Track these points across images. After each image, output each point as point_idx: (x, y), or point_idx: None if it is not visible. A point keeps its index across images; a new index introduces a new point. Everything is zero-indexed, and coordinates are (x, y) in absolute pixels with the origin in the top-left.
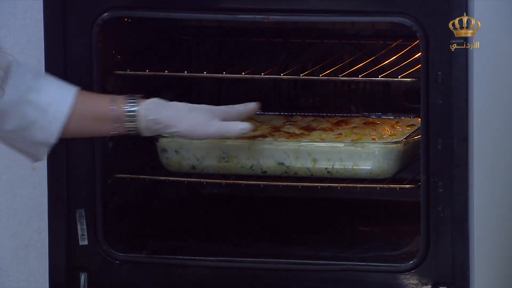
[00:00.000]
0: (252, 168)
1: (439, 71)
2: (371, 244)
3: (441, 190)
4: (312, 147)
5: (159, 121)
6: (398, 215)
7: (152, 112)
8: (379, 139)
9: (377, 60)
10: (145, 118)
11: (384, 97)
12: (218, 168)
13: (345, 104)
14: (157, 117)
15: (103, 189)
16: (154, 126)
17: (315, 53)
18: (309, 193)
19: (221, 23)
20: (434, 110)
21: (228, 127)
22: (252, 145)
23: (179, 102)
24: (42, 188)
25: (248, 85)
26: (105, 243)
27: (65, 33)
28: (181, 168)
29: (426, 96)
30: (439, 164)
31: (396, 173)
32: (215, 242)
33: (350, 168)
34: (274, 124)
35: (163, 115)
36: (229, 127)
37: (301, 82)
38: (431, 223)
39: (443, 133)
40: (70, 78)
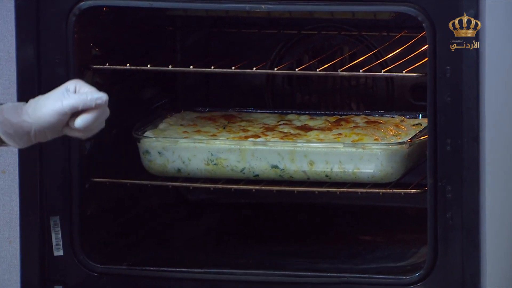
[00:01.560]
0: (243, 172)
1: (448, 65)
2: (373, 255)
3: (450, 195)
4: (308, 149)
5: (7, 128)
6: (403, 223)
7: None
8: (382, 140)
9: (380, 53)
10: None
11: (388, 94)
12: (205, 171)
13: (345, 102)
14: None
15: (80, 194)
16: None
17: (312, 45)
18: (306, 199)
19: (209, 13)
20: (442, 108)
21: (78, 96)
22: (243, 147)
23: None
24: (12, 193)
25: (238, 81)
26: (82, 253)
27: (38, 23)
28: (165, 171)
29: (433, 92)
30: (448, 167)
31: (401, 177)
32: (203, 252)
33: (350, 172)
34: (267, 123)
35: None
36: (81, 96)
37: (297, 78)
38: (439, 231)
39: (452, 133)
40: (43, 73)
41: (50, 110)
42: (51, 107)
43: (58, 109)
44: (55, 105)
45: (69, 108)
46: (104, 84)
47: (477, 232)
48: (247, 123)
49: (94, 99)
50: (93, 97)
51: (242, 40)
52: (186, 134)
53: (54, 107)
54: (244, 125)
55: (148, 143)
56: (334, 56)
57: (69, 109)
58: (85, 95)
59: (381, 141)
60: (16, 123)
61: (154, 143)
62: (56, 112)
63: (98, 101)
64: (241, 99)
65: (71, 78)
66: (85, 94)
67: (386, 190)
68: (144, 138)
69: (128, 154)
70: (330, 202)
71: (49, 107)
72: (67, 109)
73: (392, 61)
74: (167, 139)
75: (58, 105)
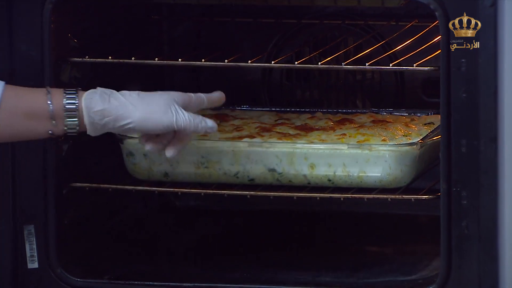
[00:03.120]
0: (237, 176)
1: (463, 58)
2: (381, 267)
3: (465, 202)
4: (309, 150)
5: (107, 113)
6: (413, 232)
7: (97, 103)
8: (391, 140)
9: (388, 45)
10: (89, 111)
11: (397, 90)
12: (195, 175)
13: (350, 99)
14: (104, 107)
15: (57, 200)
16: (101, 119)
17: (313, 36)
18: (306, 205)
19: (199, 0)
20: (457, 105)
21: (192, 119)
22: (237, 148)
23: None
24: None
25: (232, 76)
26: (59, 266)
27: (10, 12)
28: (151, 175)
29: (447, 88)
30: (463, 171)
31: (411, 182)
32: (193, 265)
33: (355, 176)
34: (264, 123)
35: (110, 105)
36: (195, 119)
37: (296, 72)
38: (453, 241)
39: (467, 133)
40: (16, 66)
41: (158, 121)
42: (160, 118)
43: (168, 124)
44: (165, 118)
45: (178, 128)
46: (84, 79)
47: (495, 242)
48: (241, 122)
49: (206, 127)
50: (207, 125)
51: (236, 30)
52: None
53: (163, 121)
54: (238, 124)
55: (132, 144)
56: (337, 48)
57: (178, 128)
58: (199, 120)
59: (390, 142)
60: (120, 115)
61: (139, 144)
62: (165, 126)
63: (208, 131)
64: (234, 95)
65: (47, 72)
66: (199, 120)
67: (395, 196)
68: (127, 139)
69: (111, 156)
70: (333, 209)
71: (158, 117)
72: (176, 128)
73: (401, 53)
74: None
75: (169, 120)
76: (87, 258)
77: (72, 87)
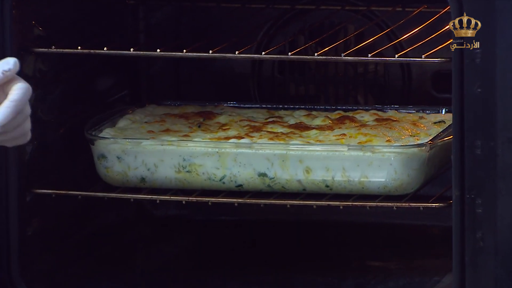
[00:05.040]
0: (223, 181)
1: (478, 49)
2: (385, 285)
3: (481, 211)
4: (304, 152)
5: None
6: (422, 245)
7: None
8: (396, 141)
9: (394, 33)
10: None
11: (403, 84)
12: (176, 181)
13: (350, 94)
14: None
15: (19, 209)
16: None
17: (309, 24)
18: (301, 215)
19: None
20: (471, 102)
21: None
22: (223, 150)
23: None
24: None
25: (217, 68)
26: (22, 282)
27: None
28: (126, 181)
29: (459, 82)
30: (478, 175)
31: (419, 188)
32: (173, 282)
33: (356, 181)
34: (253, 121)
35: None
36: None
37: (290, 64)
38: (467, 255)
39: (483, 133)
40: None
41: None
42: None
43: None
44: None
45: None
46: (50, 72)
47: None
48: (228, 120)
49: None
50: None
51: (222, 17)
52: (151, 134)
53: None
54: (224, 122)
55: (104, 145)
56: (336, 37)
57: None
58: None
59: (395, 143)
60: None
61: (112, 145)
62: None
63: (4, 68)
64: (220, 90)
65: None
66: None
67: (401, 204)
68: (99, 139)
69: (80, 159)
70: (331, 219)
71: None
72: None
73: (408, 43)
74: (128, 141)
75: None
76: (53, 273)
77: (37, 81)
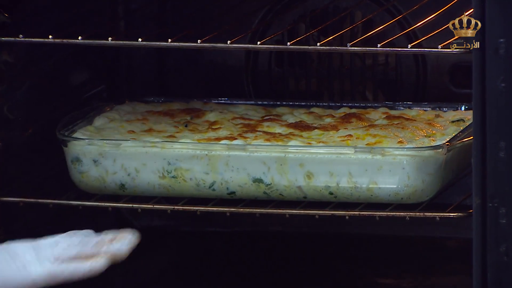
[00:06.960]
0: (213, 188)
1: (501, 38)
2: None
3: (504, 221)
4: (305, 155)
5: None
6: (438, 260)
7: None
8: (409, 143)
9: (407, 20)
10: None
11: (417, 78)
12: (160, 187)
13: (357, 89)
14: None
15: None
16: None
17: (311, 10)
18: (302, 226)
19: None
20: (494, 98)
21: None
22: (213, 152)
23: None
24: None
25: (207, 60)
26: None
27: None
28: (103, 187)
29: (481, 75)
30: (501, 181)
31: (436, 195)
32: None
33: (364, 188)
34: (248, 119)
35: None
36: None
37: (289, 55)
38: (490, 272)
39: (507, 133)
40: None
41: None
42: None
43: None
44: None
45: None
46: (17, 64)
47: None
48: (219, 119)
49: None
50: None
51: (212, 1)
52: (132, 135)
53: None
54: (214, 121)
55: (79, 147)
56: (341, 24)
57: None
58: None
59: (408, 145)
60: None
61: (87, 147)
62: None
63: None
64: (210, 85)
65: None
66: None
67: (415, 213)
68: (72, 141)
69: (52, 163)
70: (335, 231)
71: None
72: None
73: (423, 31)
74: (106, 142)
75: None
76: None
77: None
